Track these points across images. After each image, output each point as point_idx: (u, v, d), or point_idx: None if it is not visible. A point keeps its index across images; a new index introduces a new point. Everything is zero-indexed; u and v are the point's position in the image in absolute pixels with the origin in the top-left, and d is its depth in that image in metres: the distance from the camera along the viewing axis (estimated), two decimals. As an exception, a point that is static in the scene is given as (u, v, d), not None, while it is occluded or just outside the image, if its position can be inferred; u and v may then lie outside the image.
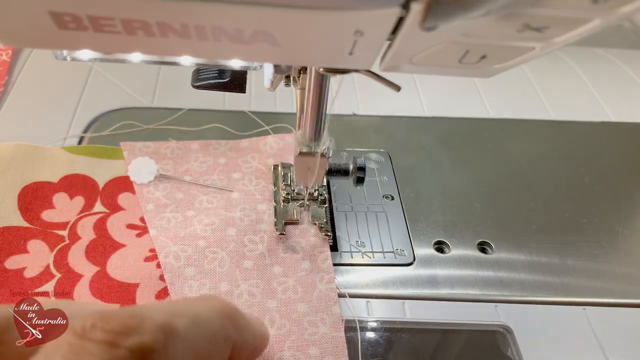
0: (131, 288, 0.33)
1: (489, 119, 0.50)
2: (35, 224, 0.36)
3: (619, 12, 0.16)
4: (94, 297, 0.32)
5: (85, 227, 0.36)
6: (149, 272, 0.34)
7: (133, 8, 0.17)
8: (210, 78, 0.34)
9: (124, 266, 0.34)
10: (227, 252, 0.35)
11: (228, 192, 0.39)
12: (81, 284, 0.33)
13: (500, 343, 0.32)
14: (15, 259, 0.34)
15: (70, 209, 0.37)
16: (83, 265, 0.34)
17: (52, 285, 0.33)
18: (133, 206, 0.38)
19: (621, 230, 0.40)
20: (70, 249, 0.35)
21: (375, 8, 0.16)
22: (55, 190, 0.38)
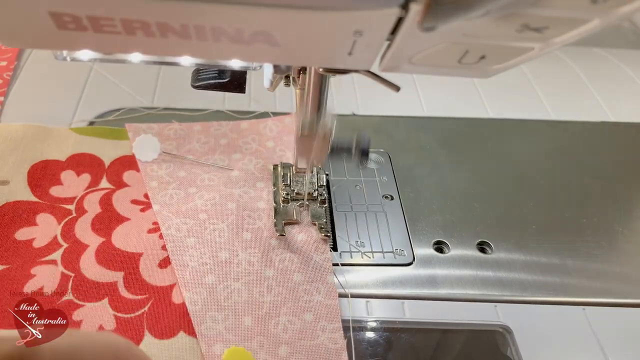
0: (135, 257, 0.35)
1: (489, 119, 0.50)
2: (44, 199, 0.37)
3: (618, 12, 0.16)
4: (99, 265, 0.34)
5: (91, 202, 0.38)
6: (152, 243, 0.35)
7: (133, 8, 0.17)
8: (210, 78, 0.34)
9: (128, 237, 0.36)
10: (226, 224, 0.36)
11: (228, 171, 0.41)
12: (87, 254, 0.34)
13: (500, 343, 0.32)
14: (24, 231, 0.35)
15: (77, 185, 0.39)
16: (89, 236, 0.36)
17: (60, 254, 0.34)
18: (137, 183, 0.40)
19: (621, 230, 0.40)
20: (77, 222, 0.36)
21: (375, 8, 0.16)
22: (63, 168, 0.40)
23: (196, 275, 0.33)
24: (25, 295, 0.32)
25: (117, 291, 0.33)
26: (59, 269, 0.33)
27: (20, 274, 0.33)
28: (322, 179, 0.39)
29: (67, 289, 0.33)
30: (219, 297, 0.33)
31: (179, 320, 0.32)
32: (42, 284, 0.33)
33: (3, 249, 0.34)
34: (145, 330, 0.31)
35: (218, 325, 0.31)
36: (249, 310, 0.32)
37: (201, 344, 0.30)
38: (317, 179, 0.39)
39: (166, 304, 0.32)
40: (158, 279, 0.34)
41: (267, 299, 0.33)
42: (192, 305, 0.32)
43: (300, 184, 0.39)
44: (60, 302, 0.32)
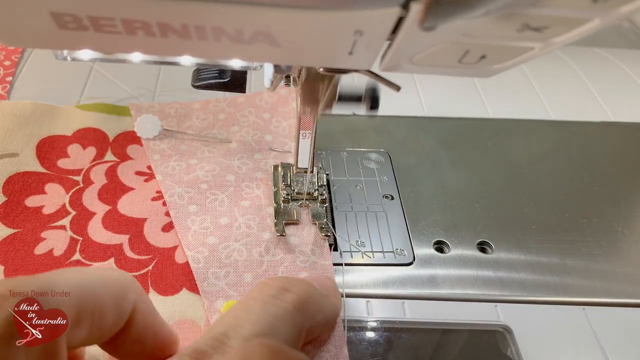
0: (139, 222, 0.37)
1: (489, 119, 0.50)
2: (52, 170, 0.40)
3: (618, 12, 0.16)
4: (106, 229, 0.36)
5: (97, 174, 0.40)
6: (155, 209, 0.38)
7: (133, 8, 0.17)
8: (210, 78, 0.34)
9: (133, 204, 0.38)
10: (226, 195, 0.39)
11: (227, 143, 0.43)
12: (94, 220, 0.37)
13: (500, 343, 0.32)
14: (34, 199, 0.38)
15: (83, 157, 0.41)
16: (96, 204, 0.38)
17: (68, 220, 0.37)
18: (141, 156, 0.42)
19: (621, 230, 0.40)
20: (84, 192, 0.39)
21: (375, 8, 0.16)
22: (69, 142, 0.42)
23: (198, 237, 0.35)
24: (37, 256, 0.34)
25: (123, 252, 0.35)
26: (67, 234, 0.36)
27: (30, 237, 0.35)
28: (322, 179, 0.39)
29: (76, 250, 0.35)
30: (220, 255, 0.35)
31: (182, 278, 0.34)
32: (52, 247, 0.35)
33: (14, 214, 0.36)
34: (150, 287, 0.33)
35: (219, 282, 0.33)
36: (249, 268, 0.34)
37: (203, 300, 0.32)
38: (318, 178, 0.39)
39: (169, 263, 0.34)
40: (161, 241, 0.36)
41: (265, 259, 0.35)
42: (194, 263, 0.34)
43: (301, 184, 0.39)
44: (68, 262, 0.34)
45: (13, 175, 0.38)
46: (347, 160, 0.44)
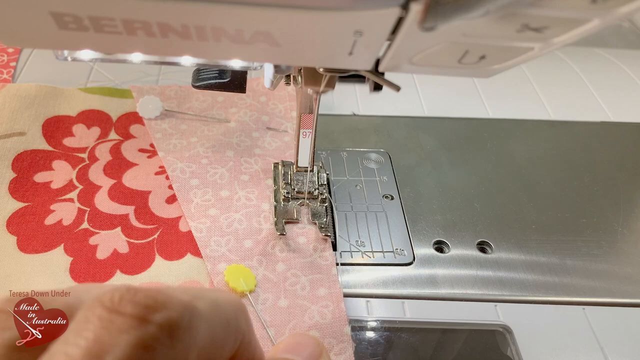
0: (144, 194, 0.39)
1: (489, 119, 0.50)
2: (58, 148, 0.41)
3: (618, 12, 0.16)
4: (112, 201, 0.38)
5: (102, 151, 0.42)
6: (159, 183, 0.40)
7: (134, 8, 0.17)
8: (210, 78, 0.34)
9: (137, 178, 0.40)
10: (226, 169, 0.41)
11: (226, 123, 0.45)
12: (100, 193, 0.39)
13: (500, 343, 0.32)
14: (42, 175, 0.39)
15: (88, 136, 0.43)
16: (102, 179, 0.40)
17: (76, 194, 0.38)
18: (143, 135, 0.44)
19: (621, 230, 0.40)
20: (90, 168, 0.40)
21: (375, 8, 0.16)
22: (74, 122, 0.44)
23: (200, 209, 0.38)
24: (47, 226, 0.36)
25: (129, 222, 0.37)
26: (75, 205, 0.37)
27: (40, 209, 0.37)
28: (322, 178, 0.39)
29: (84, 220, 0.37)
30: (221, 225, 0.37)
31: (186, 244, 0.35)
32: (61, 217, 0.37)
33: (24, 189, 0.38)
34: (156, 253, 0.35)
35: (221, 248, 0.35)
36: (249, 235, 0.36)
37: (207, 263, 0.34)
38: (318, 177, 0.39)
39: (174, 232, 0.36)
40: (165, 212, 0.38)
41: (264, 227, 0.37)
42: (197, 232, 0.36)
43: (301, 183, 0.39)
44: (77, 230, 0.36)
45: (21, 153, 0.40)
46: (347, 160, 0.44)
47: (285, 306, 0.32)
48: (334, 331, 0.31)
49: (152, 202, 0.38)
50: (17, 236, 0.35)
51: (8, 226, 0.35)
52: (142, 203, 0.38)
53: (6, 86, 0.45)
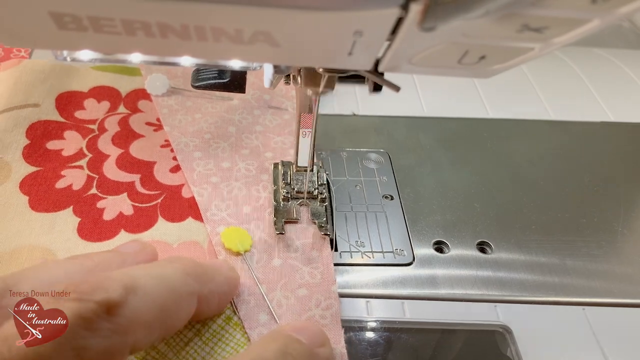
0: (150, 164, 0.41)
1: (489, 119, 0.50)
2: (70, 120, 0.44)
3: (618, 12, 0.16)
4: (119, 169, 0.40)
5: (111, 123, 0.44)
6: (164, 154, 0.42)
7: (133, 9, 0.17)
8: (210, 78, 0.34)
9: (144, 150, 0.42)
10: (228, 144, 0.43)
11: (229, 101, 0.47)
12: (108, 161, 0.41)
13: (500, 343, 0.32)
14: (54, 143, 0.42)
15: (98, 110, 0.45)
16: (110, 148, 0.42)
17: (85, 161, 0.41)
18: (150, 110, 0.46)
19: (621, 230, 0.40)
20: (99, 138, 0.43)
21: (375, 8, 0.16)
22: (85, 97, 0.46)
23: (202, 177, 0.40)
24: (58, 190, 0.38)
25: (135, 188, 0.39)
26: (84, 172, 0.40)
27: (51, 174, 0.39)
28: (322, 177, 0.39)
29: (92, 186, 0.39)
30: (222, 192, 0.39)
31: (188, 209, 0.38)
32: (70, 182, 0.39)
33: (36, 155, 0.40)
34: (159, 215, 0.37)
35: (221, 212, 0.37)
36: (248, 202, 0.38)
37: (206, 225, 0.36)
38: (317, 177, 0.39)
39: (177, 197, 0.39)
40: (169, 180, 0.40)
41: (262, 195, 0.39)
42: (199, 197, 0.38)
43: (301, 183, 0.39)
44: (86, 195, 0.38)
45: (35, 123, 0.42)
46: (347, 160, 0.44)
47: (278, 265, 0.34)
48: (323, 289, 0.33)
49: (157, 171, 0.41)
50: (29, 196, 0.37)
51: (21, 187, 0.38)
52: (148, 172, 0.41)
53: (23, 62, 0.47)
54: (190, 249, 0.35)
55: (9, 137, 0.41)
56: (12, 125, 0.42)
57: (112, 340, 0.21)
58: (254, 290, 0.32)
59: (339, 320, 0.31)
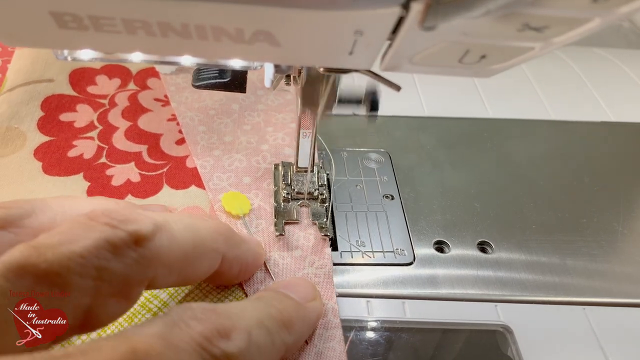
0: (156, 136, 0.44)
1: (489, 119, 0.50)
2: (82, 94, 0.47)
3: (618, 12, 0.16)
4: (128, 140, 0.43)
5: (121, 98, 0.47)
6: (170, 128, 0.45)
7: (134, 8, 0.17)
8: (210, 78, 0.34)
9: (151, 123, 0.45)
10: (231, 120, 0.46)
11: None
12: (118, 133, 0.44)
13: (500, 343, 0.32)
14: (66, 115, 0.45)
15: (109, 85, 0.48)
16: (119, 121, 0.45)
17: (96, 133, 0.43)
18: (159, 87, 0.49)
19: (621, 230, 0.40)
20: (109, 112, 0.45)
21: (375, 8, 0.16)
22: (97, 73, 0.49)
23: (205, 150, 0.42)
24: (69, 158, 0.41)
25: (142, 158, 0.42)
26: (95, 142, 0.43)
27: (64, 144, 0.42)
28: (322, 178, 0.39)
29: (102, 155, 0.42)
30: (223, 164, 0.41)
31: (192, 178, 0.40)
32: (82, 152, 0.42)
33: (50, 125, 0.43)
34: (164, 183, 0.40)
35: (223, 182, 0.40)
36: (248, 173, 0.41)
37: (208, 193, 0.39)
38: (318, 178, 0.39)
39: (181, 167, 0.41)
40: (174, 151, 0.43)
41: (262, 166, 0.41)
42: (202, 169, 0.41)
43: (301, 183, 0.39)
44: (96, 164, 0.41)
45: (49, 96, 0.45)
46: (347, 160, 0.44)
47: (274, 231, 0.37)
48: (316, 250, 0.35)
49: (163, 143, 0.43)
50: (42, 162, 0.40)
51: (35, 154, 0.41)
52: (154, 143, 0.43)
53: None
54: (193, 213, 0.38)
55: (24, 109, 0.44)
56: (27, 98, 0.45)
57: (133, 269, 0.22)
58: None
59: (331, 277, 0.34)
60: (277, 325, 0.25)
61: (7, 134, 0.42)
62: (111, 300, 0.22)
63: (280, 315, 0.25)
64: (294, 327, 0.26)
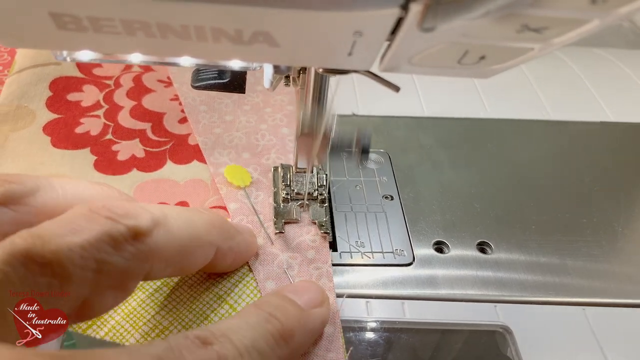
0: (160, 115, 0.46)
1: (489, 119, 0.50)
2: (89, 76, 0.49)
3: (618, 12, 0.16)
4: (132, 118, 0.45)
5: (126, 80, 0.49)
6: (173, 107, 0.47)
7: (133, 9, 0.17)
8: (210, 78, 0.34)
9: (155, 102, 0.47)
10: (231, 100, 0.47)
11: None
12: (123, 112, 0.46)
13: (500, 343, 0.32)
14: (74, 95, 0.47)
15: (114, 68, 0.50)
16: (124, 101, 0.47)
17: (102, 112, 0.46)
18: (162, 70, 0.50)
19: (621, 230, 0.40)
20: (115, 92, 0.48)
21: (375, 9, 0.16)
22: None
23: (207, 128, 0.44)
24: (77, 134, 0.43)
25: (146, 135, 0.44)
26: (101, 120, 0.45)
27: (72, 121, 0.44)
28: (322, 179, 0.39)
29: (108, 132, 0.44)
30: (224, 141, 0.43)
31: (194, 153, 0.43)
32: (89, 129, 0.44)
33: (58, 104, 0.45)
34: (167, 158, 0.42)
35: (223, 157, 0.42)
36: (247, 149, 0.43)
37: (210, 167, 0.41)
38: (317, 178, 0.39)
39: (184, 144, 0.44)
40: (177, 129, 0.45)
41: (261, 143, 0.44)
42: (203, 145, 0.43)
43: (301, 184, 0.39)
44: (102, 140, 0.43)
45: (57, 78, 0.47)
46: (347, 160, 0.44)
47: (272, 202, 0.39)
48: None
49: (166, 121, 0.45)
50: (51, 137, 0.43)
51: (44, 130, 0.43)
52: (158, 121, 0.45)
53: None
54: (196, 185, 0.40)
55: (33, 89, 0.46)
56: (36, 79, 0.47)
57: (131, 263, 0.23)
58: (252, 219, 0.37)
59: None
60: (273, 342, 0.25)
61: (18, 111, 0.44)
62: (108, 291, 0.23)
63: (281, 327, 0.25)
64: (293, 338, 0.26)
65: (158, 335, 0.30)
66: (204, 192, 0.40)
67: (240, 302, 0.32)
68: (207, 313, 0.31)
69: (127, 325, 0.30)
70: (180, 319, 0.31)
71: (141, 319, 0.31)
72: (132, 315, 0.31)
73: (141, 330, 0.30)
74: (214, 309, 0.31)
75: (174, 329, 0.30)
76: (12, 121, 0.43)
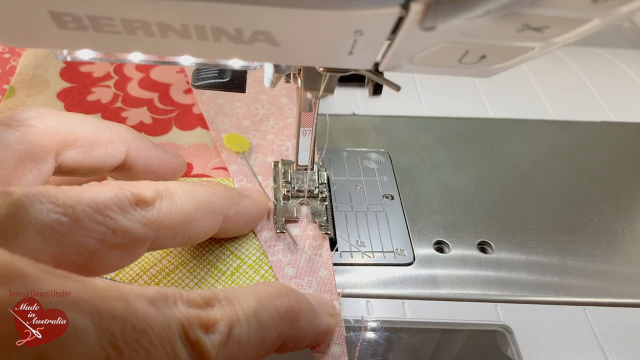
0: (166, 85, 0.49)
1: (489, 119, 0.50)
2: None
3: (618, 12, 0.16)
4: (141, 88, 0.49)
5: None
6: (179, 78, 0.50)
7: (133, 8, 0.17)
8: (210, 78, 0.34)
9: (162, 74, 0.50)
10: None
11: None
12: (132, 82, 0.49)
13: (500, 343, 0.32)
14: (86, 67, 0.50)
15: None
16: (133, 73, 0.51)
17: (112, 82, 0.49)
18: None
19: (621, 230, 0.40)
20: (125, 64, 0.51)
21: (375, 8, 0.16)
22: None
23: (210, 99, 0.47)
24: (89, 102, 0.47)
25: (153, 103, 0.47)
26: (111, 90, 0.48)
27: (84, 90, 0.48)
28: (322, 177, 0.39)
29: (118, 101, 0.47)
30: (226, 110, 0.46)
31: (197, 121, 0.46)
32: (100, 97, 0.47)
33: (71, 74, 0.49)
34: (173, 125, 0.45)
35: (224, 124, 0.45)
36: (248, 117, 0.46)
37: (212, 132, 0.44)
38: (318, 176, 0.39)
39: (188, 113, 0.47)
40: (182, 99, 0.48)
41: (260, 112, 0.46)
42: (206, 113, 0.46)
43: (301, 182, 0.39)
44: (112, 107, 0.46)
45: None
46: (347, 160, 0.44)
47: (270, 162, 0.42)
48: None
49: (172, 91, 0.48)
50: (65, 103, 0.46)
51: (57, 96, 0.47)
52: (164, 91, 0.48)
53: None
54: (199, 149, 0.43)
55: (47, 61, 0.50)
56: (50, 52, 0.46)
57: (136, 226, 0.25)
58: (251, 179, 0.40)
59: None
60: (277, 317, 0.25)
61: (33, 79, 0.48)
62: (115, 250, 0.24)
63: (289, 306, 0.26)
64: (299, 323, 0.26)
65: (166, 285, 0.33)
66: (206, 154, 0.43)
67: (251, 256, 0.35)
68: (218, 266, 0.34)
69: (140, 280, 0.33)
70: (194, 273, 0.34)
71: (152, 271, 0.34)
72: (142, 273, 0.33)
73: (151, 279, 0.33)
74: (225, 262, 0.34)
75: (185, 286, 0.33)
76: (28, 87, 0.47)
